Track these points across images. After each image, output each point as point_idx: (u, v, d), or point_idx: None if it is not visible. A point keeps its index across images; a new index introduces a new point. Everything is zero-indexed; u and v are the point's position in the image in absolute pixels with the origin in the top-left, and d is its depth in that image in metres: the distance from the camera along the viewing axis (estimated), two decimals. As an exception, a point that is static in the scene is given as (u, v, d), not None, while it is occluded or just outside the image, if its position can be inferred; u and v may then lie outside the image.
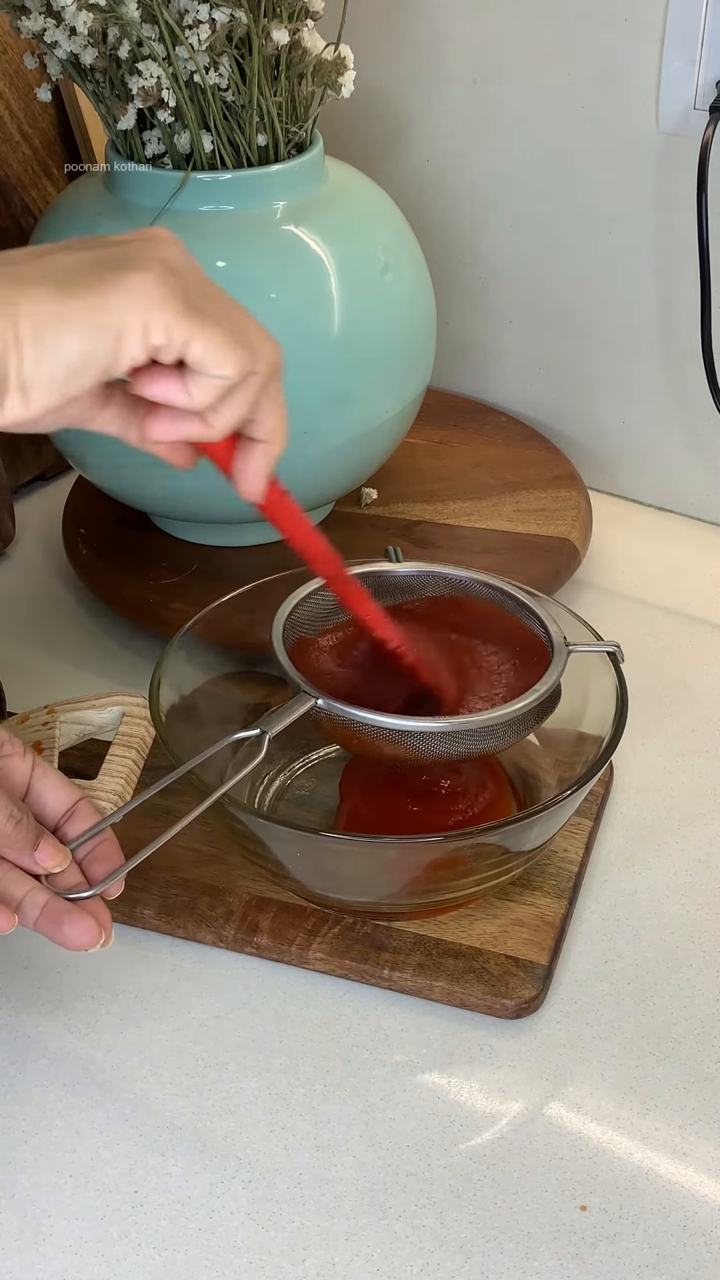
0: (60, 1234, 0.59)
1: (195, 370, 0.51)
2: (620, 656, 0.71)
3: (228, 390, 0.52)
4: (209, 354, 0.50)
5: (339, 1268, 0.57)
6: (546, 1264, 0.57)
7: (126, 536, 0.96)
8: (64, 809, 0.62)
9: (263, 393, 0.53)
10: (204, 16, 0.77)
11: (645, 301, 0.99)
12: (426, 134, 1.05)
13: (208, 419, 0.53)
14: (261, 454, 0.56)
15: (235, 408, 0.53)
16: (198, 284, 0.51)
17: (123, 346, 0.49)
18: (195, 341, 0.50)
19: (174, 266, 0.50)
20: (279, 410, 0.55)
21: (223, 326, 0.51)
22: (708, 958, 0.70)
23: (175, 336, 0.49)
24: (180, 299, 0.49)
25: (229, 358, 0.51)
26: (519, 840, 0.66)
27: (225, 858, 0.73)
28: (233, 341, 0.51)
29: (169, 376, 0.51)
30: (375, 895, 0.69)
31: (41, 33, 0.79)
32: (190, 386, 0.51)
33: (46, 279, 0.48)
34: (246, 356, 0.51)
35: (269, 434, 0.55)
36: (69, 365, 0.48)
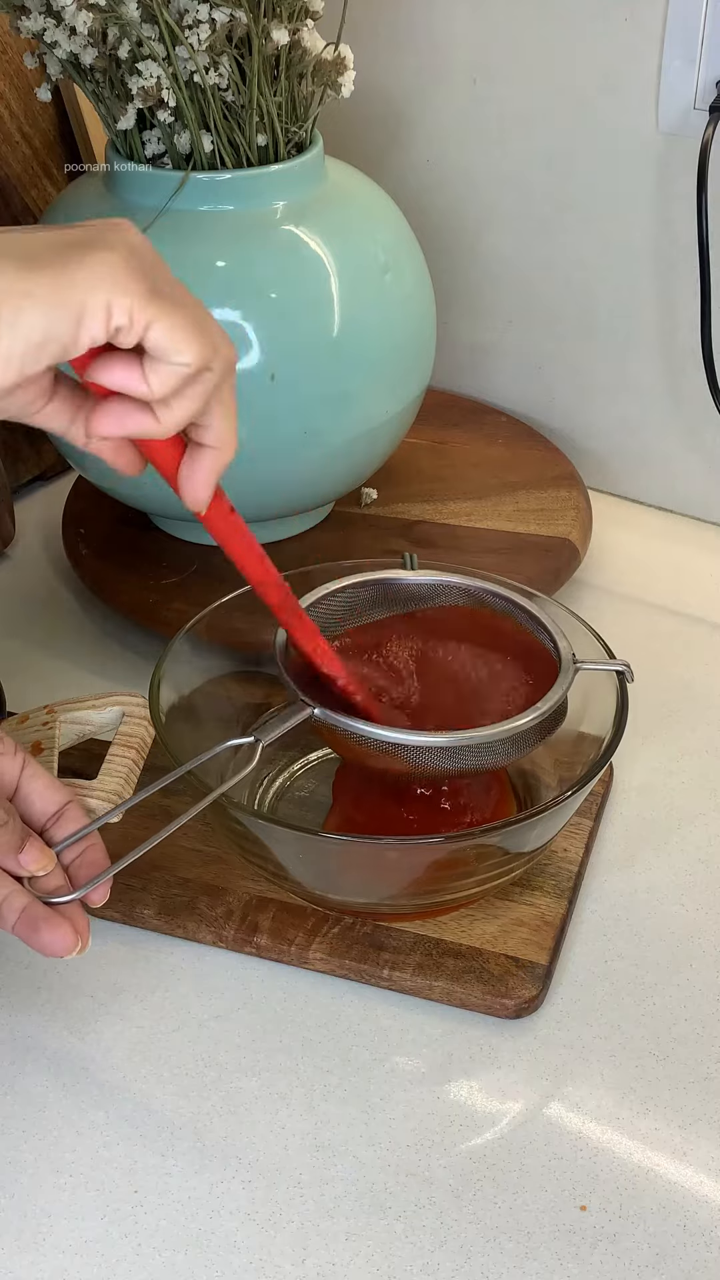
0: (60, 1234, 0.59)
1: (154, 357, 0.50)
2: (629, 676, 0.70)
3: (184, 380, 0.50)
4: (170, 338, 0.49)
5: (339, 1268, 0.57)
6: (546, 1264, 0.57)
7: (126, 536, 0.96)
8: (52, 811, 0.62)
9: (215, 394, 0.52)
10: (204, 16, 0.77)
11: (645, 301, 0.99)
12: (426, 134, 1.05)
13: (158, 413, 0.51)
14: (209, 460, 0.54)
15: (189, 402, 0.51)
16: (161, 270, 0.50)
17: (84, 325, 0.48)
18: (157, 324, 0.49)
19: (137, 250, 0.49)
20: (230, 415, 0.54)
21: (185, 313, 0.49)
22: (708, 958, 0.70)
23: (138, 318, 0.48)
24: (144, 281, 0.48)
25: (190, 344, 0.49)
26: (519, 841, 0.66)
27: (225, 858, 0.73)
28: (195, 329, 0.50)
29: (127, 363, 0.50)
30: (375, 897, 0.69)
31: (41, 33, 0.79)
32: (149, 374, 0.50)
33: (8, 254, 0.47)
34: (206, 346, 0.50)
35: (218, 440, 0.54)
36: (27, 340, 0.47)
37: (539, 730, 0.67)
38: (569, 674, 0.68)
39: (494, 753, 0.66)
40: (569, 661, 0.69)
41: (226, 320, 0.81)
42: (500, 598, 0.73)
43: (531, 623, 0.72)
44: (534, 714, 0.66)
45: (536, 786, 0.75)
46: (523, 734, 0.66)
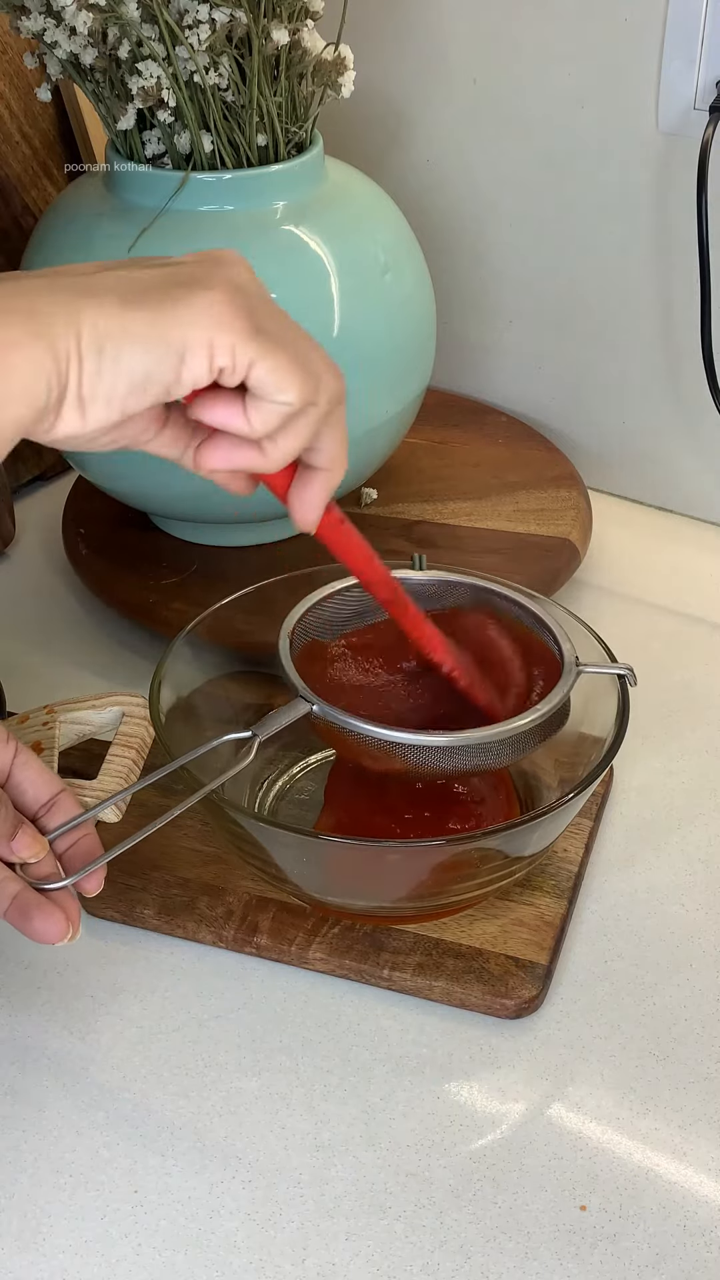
0: (60, 1234, 0.59)
1: (256, 395, 0.50)
2: (632, 680, 0.70)
3: (288, 418, 0.51)
4: (273, 378, 0.49)
5: (339, 1268, 0.57)
6: (546, 1264, 0.57)
7: (126, 536, 0.96)
8: (45, 799, 0.62)
9: (325, 420, 0.52)
10: (204, 16, 0.77)
11: (645, 301, 0.99)
12: (426, 134, 1.05)
13: (265, 449, 0.51)
14: (320, 482, 0.54)
15: (294, 438, 0.51)
16: (265, 307, 0.50)
17: (186, 365, 0.48)
18: (260, 364, 0.49)
19: (242, 287, 0.49)
20: (340, 438, 0.54)
21: (288, 352, 0.49)
22: (708, 958, 0.70)
23: (240, 358, 0.48)
24: (247, 320, 0.48)
25: (292, 384, 0.49)
26: (520, 845, 0.66)
27: (225, 858, 0.73)
28: (297, 368, 0.50)
29: (229, 401, 0.50)
30: (373, 900, 0.69)
31: (41, 33, 0.79)
32: (251, 413, 0.50)
33: (112, 291, 0.47)
34: (309, 384, 0.50)
35: (329, 462, 0.54)
36: (130, 381, 0.47)
37: (540, 732, 0.67)
38: (571, 676, 0.68)
39: (494, 753, 0.66)
40: (571, 664, 0.69)
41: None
42: (505, 599, 0.73)
43: (536, 624, 0.72)
44: (534, 715, 0.66)
45: (537, 788, 0.75)
46: (523, 735, 0.66)
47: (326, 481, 0.54)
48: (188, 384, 0.48)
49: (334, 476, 0.54)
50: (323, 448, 0.53)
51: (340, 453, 0.54)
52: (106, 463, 0.89)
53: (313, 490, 0.55)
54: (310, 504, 0.55)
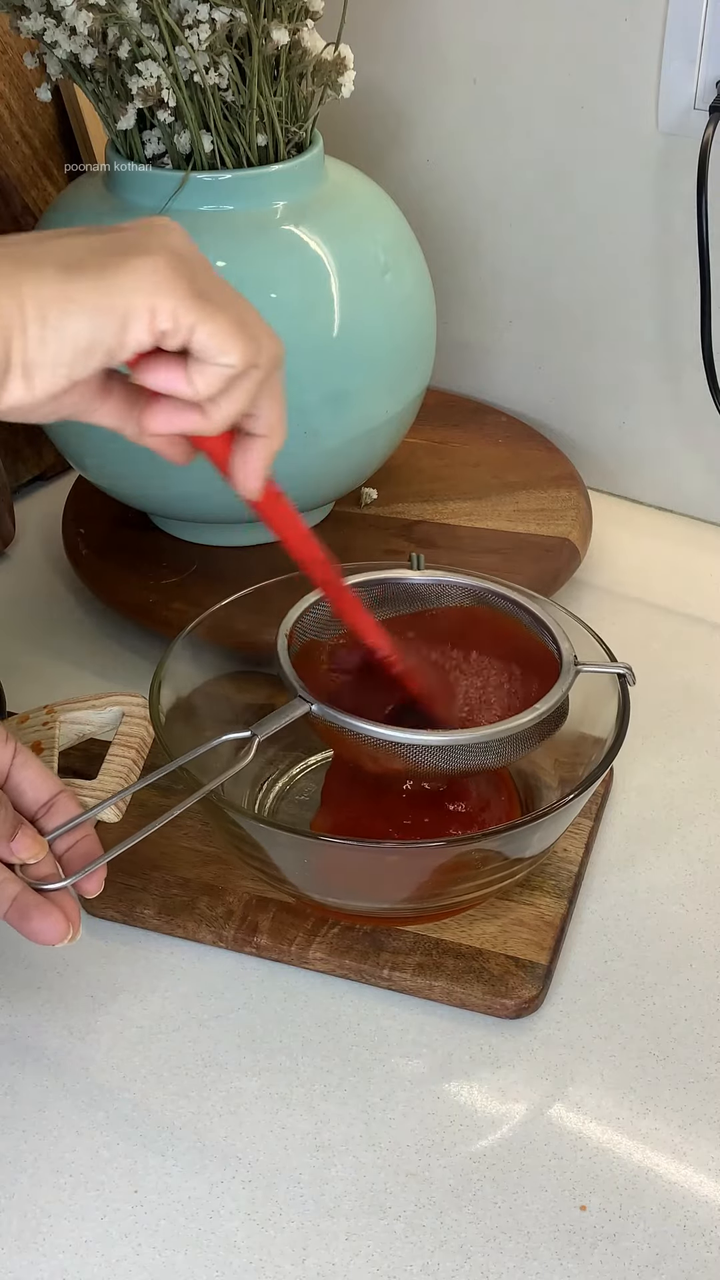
0: (60, 1234, 0.59)
1: (199, 358, 0.50)
2: (631, 680, 0.70)
3: (230, 380, 0.51)
4: (214, 341, 0.50)
5: (339, 1268, 0.57)
6: (546, 1264, 0.57)
7: (126, 536, 0.96)
8: (44, 800, 0.62)
9: (264, 386, 0.53)
10: (204, 16, 0.77)
11: (645, 302, 0.99)
12: (426, 134, 1.05)
13: (207, 411, 0.52)
14: (260, 448, 0.55)
15: (236, 400, 0.52)
16: (204, 272, 0.51)
17: (129, 330, 0.48)
18: (202, 327, 0.49)
19: (181, 252, 0.50)
20: (279, 405, 0.54)
21: (229, 314, 0.50)
22: (708, 958, 0.70)
23: (182, 321, 0.49)
24: (188, 284, 0.49)
25: (234, 345, 0.50)
26: (520, 846, 0.66)
27: (225, 858, 0.73)
28: (238, 330, 0.50)
29: (172, 365, 0.51)
30: (373, 902, 0.69)
31: (41, 33, 0.79)
32: (194, 375, 0.51)
33: (51, 260, 0.48)
34: (251, 346, 0.51)
35: (268, 428, 0.54)
36: (74, 347, 0.48)
37: (539, 731, 0.67)
38: (569, 675, 0.68)
39: (493, 752, 0.66)
40: (570, 663, 0.69)
41: (226, 320, 0.81)
42: (503, 599, 0.73)
43: (534, 624, 0.72)
44: (532, 715, 0.66)
45: (538, 788, 0.75)
46: (522, 734, 0.66)
47: (266, 448, 0.55)
48: (131, 348, 0.49)
49: (273, 442, 0.55)
50: (261, 414, 0.54)
51: (279, 418, 0.55)
52: (106, 463, 0.89)
53: (253, 456, 0.55)
54: (252, 470, 0.55)
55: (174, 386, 0.51)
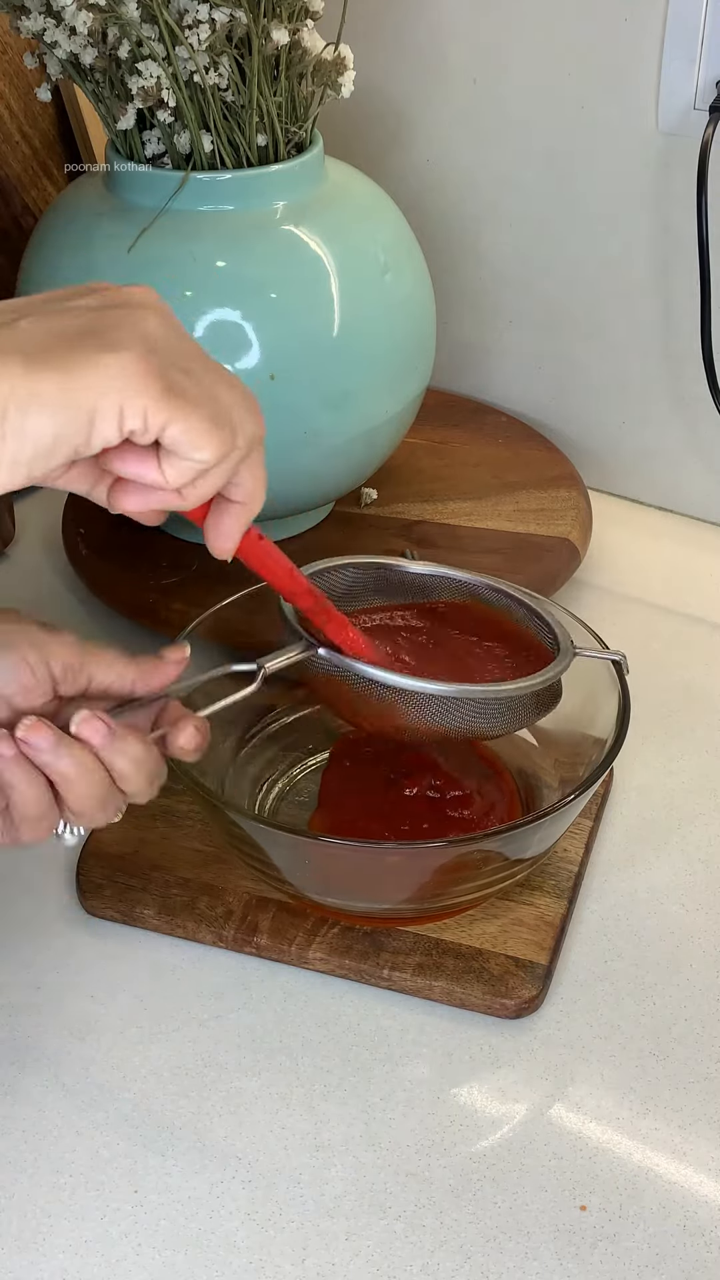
0: (60, 1234, 0.59)
1: (171, 452, 0.49)
2: (625, 667, 0.70)
3: (201, 474, 0.50)
4: (187, 438, 0.48)
5: (339, 1268, 0.57)
6: (546, 1264, 0.57)
7: (126, 536, 0.96)
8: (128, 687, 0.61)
9: (242, 462, 0.52)
10: (204, 16, 0.77)
11: (645, 302, 0.99)
12: (426, 134, 1.05)
13: (182, 493, 0.51)
14: (237, 515, 0.54)
15: (210, 483, 0.51)
16: (179, 359, 0.49)
17: (95, 429, 0.47)
18: (174, 426, 0.48)
19: (154, 343, 0.48)
20: (258, 475, 0.53)
21: (202, 410, 0.48)
22: (708, 958, 0.70)
23: (153, 421, 0.47)
24: (159, 380, 0.47)
25: (208, 442, 0.49)
26: (521, 847, 0.66)
27: (225, 858, 0.73)
28: (211, 426, 0.49)
29: (143, 457, 0.49)
30: (372, 902, 0.69)
31: (41, 33, 0.79)
32: (166, 467, 0.49)
33: (17, 350, 0.46)
34: (226, 439, 0.49)
35: (246, 497, 0.53)
36: (37, 446, 0.46)
37: (534, 702, 0.67)
38: (568, 656, 0.68)
39: (488, 715, 0.65)
40: (568, 646, 0.69)
41: (226, 320, 0.81)
42: (498, 592, 0.73)
43: (530, 616, 0.72)
44: (530, 682, 0.66)
45: (538, 788, 0.75)
46: (518, 702, 0.66)
47: (243, 514, 0.54)
48: (97, 446, 0.47)
49: (250, 510, 0.54)
50: (241, 483, 0.53)
51: (258, 488, 0.53)
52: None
53: (229, 522, 0.54)
54: (226, 535, 0.54)
55: (145, 476, 0.50)
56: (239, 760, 0.77)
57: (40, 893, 0.74)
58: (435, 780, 0.74)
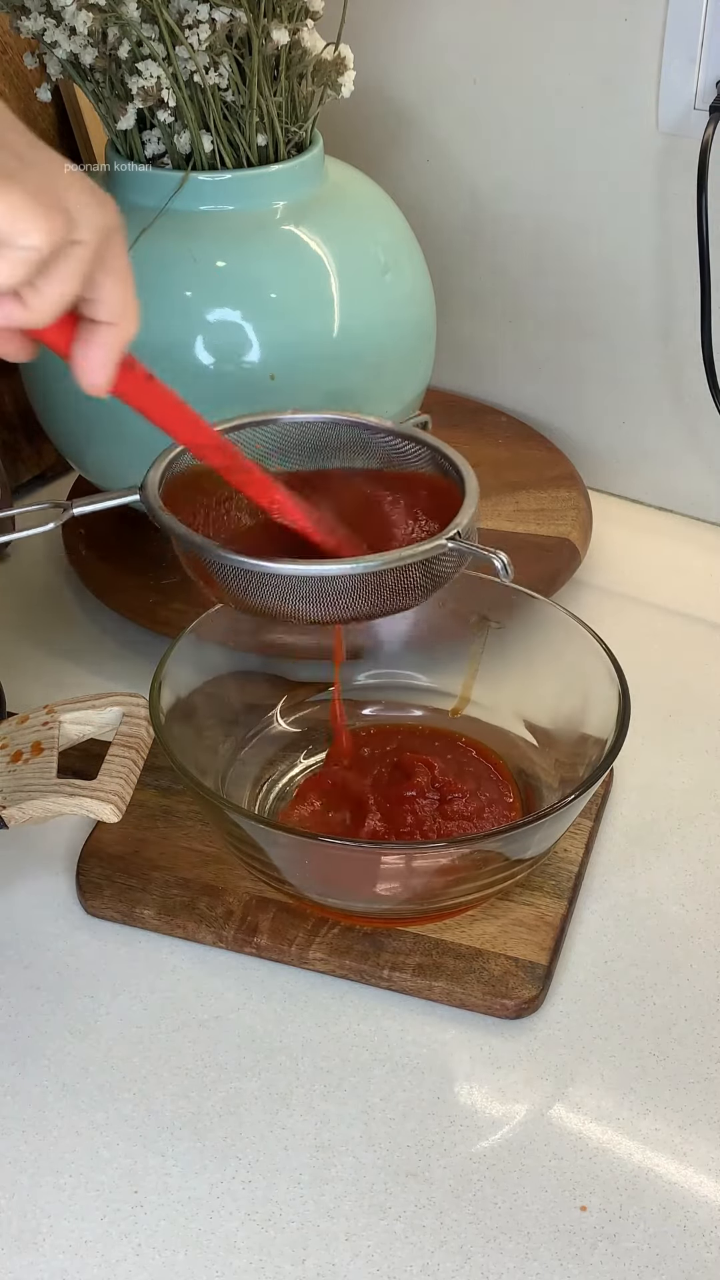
0: (60, 1234, 0.59)
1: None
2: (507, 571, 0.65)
3: (41, 264, 0.44)
4: (6, 220, 0.42)
5: (339, 1268, 0.57)
6: (546, 1264, 0.57)
7: (126, 536, 0.96)
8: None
9: (98, 265, 0.46)
10: (204, 16, 0.77)
11: (645, 302, 0.99)
12: (426, 134, 1.05)
13: (26, 300, 0.45)
14: (105, 339, 0.48)
15: (57, 285, 0.45)
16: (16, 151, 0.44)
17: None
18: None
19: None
20: (122, 285, 0.47)
21: (23, 186, 0.43)
22: (708, 958, 0.70)
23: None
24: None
25: (33, 223, 0.43)
26: (521, 847, 0.66)
27: (225, 857, 0.73)
28: (35, 204, 0.43)
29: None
30: (372, 903, 0.69)
31: (41, 33, 0.79)
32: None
33: None
34: (58, 221, 0.43)
35: (112, 314, 0.47)
36: None
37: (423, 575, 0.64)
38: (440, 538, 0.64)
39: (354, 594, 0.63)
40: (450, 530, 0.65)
41: (226, 320, 0.81)
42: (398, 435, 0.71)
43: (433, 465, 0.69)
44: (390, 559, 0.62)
45: (538, 789, 0.75)
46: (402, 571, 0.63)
47: (113, 338, 0.48)
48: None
49: (122, 331, 0.48)
50: (102, 298, 0.47)
51: (125, 302, 0.47)
52: (106, 463, 0.89)
53: (96, 349, 0.48)
54: (95, 364, 0.48)
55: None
56: (239, 760, 0.77)
57: (40, 893, 0.74)
58: (433, 780, 0.74)
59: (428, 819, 0.72)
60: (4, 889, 0.74)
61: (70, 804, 0.67)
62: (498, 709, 0.79)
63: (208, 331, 0.81)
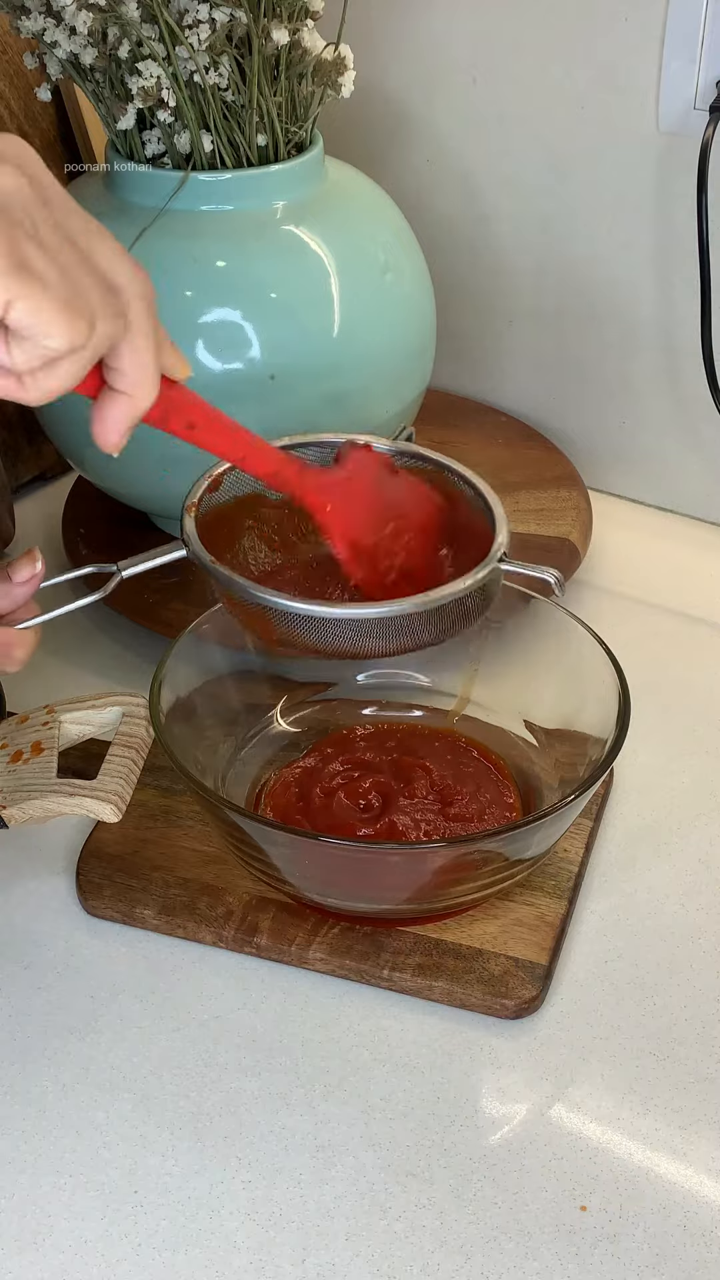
0: (60, 1234, 0.59)
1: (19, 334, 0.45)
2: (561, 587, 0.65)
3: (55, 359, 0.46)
4: (35, 320, 0.44)
5: (339, 1268, 0.57)
6: (546, 1264, 0.57)
7: (126, 536, 0.96)
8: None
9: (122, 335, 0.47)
10: (204, 16, 0.77)
11: (645, 301, 0.99)
12: (426, 134, 1.05)
13: (25, 384, 0.47)
14: (120, 407, 0.50)
15: (59, 379, 0.47)
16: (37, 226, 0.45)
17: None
18: (19, 305, 0.44)
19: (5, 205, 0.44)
20: (142, 363, 0.49)
21: (54, 292, 0.44)
22: (708, 958, 0.70)
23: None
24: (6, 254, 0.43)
25: (57, 328, 0.44)
26: (521, 847, 0.66)
27: (225, 857, 0.73)
28: (62, 309, 0.44)
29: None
30: (372, 902, 0.69)
31: (41, 33, 0.79)
32: (13, 348, 0.45)
33: None
34: (79, 326, 0.45)
35: (128, 386, 0.49)
36: None
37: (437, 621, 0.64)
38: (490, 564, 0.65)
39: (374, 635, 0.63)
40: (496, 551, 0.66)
41: (227, 320, 0.81)
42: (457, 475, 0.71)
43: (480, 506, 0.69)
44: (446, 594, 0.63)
45: (538, 789, 0.75)
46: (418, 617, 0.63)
47: (129, 407, 0.50)
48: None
49: (136, 404, 0.50)
50: (122, 368, 0.49)
51: (144, 378, 0.49)
52: (106, 463, 0.89)
53: (111, 414, 0.50)
54: (110, 427, 0.51)
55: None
56: (239, 760, 0.77)
57: (40, 893, 0.74)
58: (432, 782, 0.74)
59: (428, 819, 0.72)
60: (4, 889, 0.74)
61: (70, 804, 0.67)
62: (498, 709, 0.79)
63: (208, 331, 0.81)
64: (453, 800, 0.73)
